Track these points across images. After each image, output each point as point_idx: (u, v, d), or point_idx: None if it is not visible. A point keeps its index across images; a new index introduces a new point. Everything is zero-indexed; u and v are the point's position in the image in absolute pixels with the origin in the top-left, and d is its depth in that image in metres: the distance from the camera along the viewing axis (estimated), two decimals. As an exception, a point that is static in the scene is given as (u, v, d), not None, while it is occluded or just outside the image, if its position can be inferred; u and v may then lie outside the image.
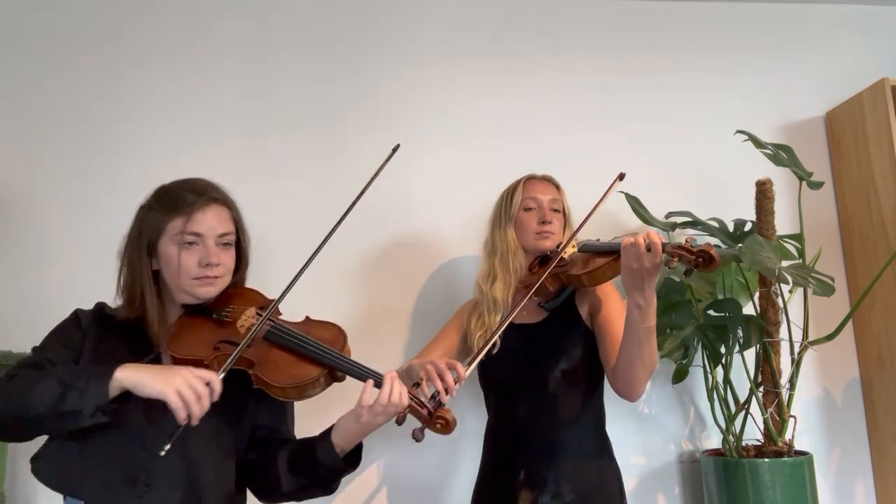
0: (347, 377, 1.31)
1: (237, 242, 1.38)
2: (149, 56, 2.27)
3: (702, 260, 1.29)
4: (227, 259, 1.34)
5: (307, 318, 1.41)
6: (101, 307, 1.37)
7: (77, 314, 1.34)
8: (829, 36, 2.62)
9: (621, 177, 1.65)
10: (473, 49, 2.43)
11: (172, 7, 2.32)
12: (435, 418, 1.27)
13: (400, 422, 1.28)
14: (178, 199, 1.31)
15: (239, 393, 1.30)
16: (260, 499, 1.40)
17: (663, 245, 1.36)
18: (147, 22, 2.29)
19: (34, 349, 1.30)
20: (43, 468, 1.25)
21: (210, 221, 1.31)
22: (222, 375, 1.17)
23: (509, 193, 1.81)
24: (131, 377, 1.14)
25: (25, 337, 1.90)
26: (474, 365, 1.47)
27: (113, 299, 1.37)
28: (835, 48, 2.61)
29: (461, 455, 2.15)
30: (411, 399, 1.27)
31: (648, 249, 1.36)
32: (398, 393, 1.25)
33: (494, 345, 1.68)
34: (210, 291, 1.32)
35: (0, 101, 2.18)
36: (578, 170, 2.10)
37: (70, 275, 2.08)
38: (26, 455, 1.97)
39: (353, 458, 1.32)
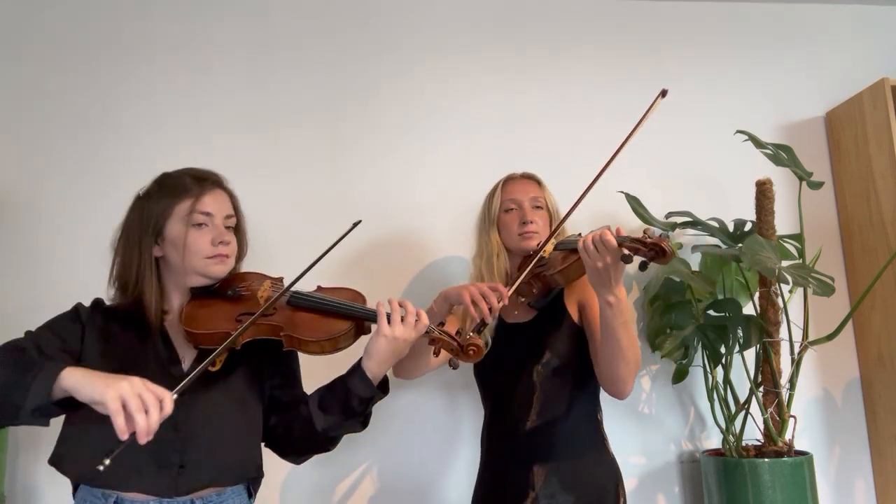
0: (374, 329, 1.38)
1: (237, 228, 1.42)
2: (149, 55, 2.27)
3: (654, 253, 1.31)
4: (233, 241, 1.38)
5: (319, 286, 1.46)
6: (98, 301, 1.38)
7: (77, 308, 1.35)
8: (829, 36, 2.62)
9: (664, 94, 1.63)
10: (470, 47, 2.43)
11: (172, 6, 2.32)
12: (467, 347, 1.33)
13: (437, 353, 1.36)
14: (185, 182, 1.34)
15: (257, 366, 1.36)
16: (286, 456, 1.44)
17: (620, 239, 1.36)
18: (147, 21, 2.29)
19: (27, 331, 1.29)
20: (69, 465, 1.24)
21: (217, 203, 1.35)
22: (175, 397, 1.07)
23: (490, 196, 1.82)
24: (72, 379, 1.06)
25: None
26: (514, 286, 1.53)
27: (106, 292, 1.37)
28: (835, 48, 2.61)
29: (457, 454, 2.15)
30: (441, 333, 1.34)
31: (603, 245, 1.37)
32: (412, 306, 1.33)
33: (487, 344, 1.73)
34: (222, 270, 1.35)
35: (0, 100, 2.18)
36: (578, 169, 2.09)
37: (70, 274, 2.08)
38: (26, 455, 1.99)
39: (384, 386, 1.38)
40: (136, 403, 1.01)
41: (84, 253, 2.08)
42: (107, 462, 0.99)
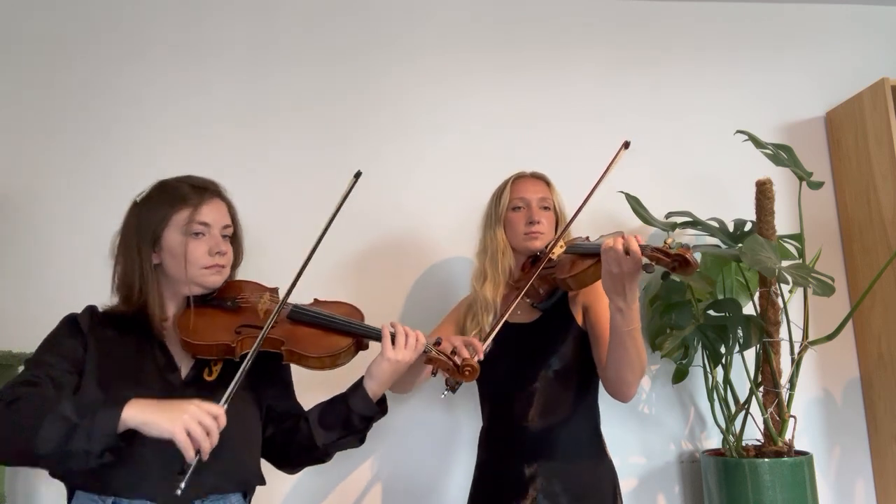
0: (371, 346, 1.43)
1: (234, 237, 1.42)
2: (149, 55, 2.27)
3: (678, 263, 1.29)
4: (230, 251, 1.39)
5: (316, 299, 1.50)
6: (92, 309, 1.36)
7: (72, 319, 1.32)
8: (829, 36, 2.62)
9: (626, 145, 1.63)
10: (470, 46, 2.43)
11: (172, 6, 2.32)
12: (462, 368, 1.39)
13: (434, 372, 1.45)
14: (183, 191, 1.34)
15: (254, 377, 1.36)
16: (282, 467, 1.47)
17: (642, 248, 1.34)
18: (147, 21, 2.29)
19: (27, 362, 1.27)
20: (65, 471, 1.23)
21: (215, 213, 1.36)
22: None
23: (498, 193, 1.81)
24: (137, 417, 1.11)
25: (25, 337, 1.90)
26: (489, 341, 1.56)
27: (110, 298, 1.37)
28: (835, 48, 2.61)
29: (456, 456, 2.15)
30: (438, 353, 1.41)
31: (627, 253, 1.34)
32: (412, 331, 1.39)
33: (487, 346, 1.72)
34: (218, 280, 1.36)
35: (1, 101, 2.18)
36: (578, 169, 2.09)
37: (70, 274, 2.08)
38: (26, 455, 1.99)
39: (382, 405, 1.42)
40: (199, 431, 1.10)
41: (84, 252, 2.08)
42: (182, 486, 1.08)
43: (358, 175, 1.41)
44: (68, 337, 1.29)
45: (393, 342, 1.37)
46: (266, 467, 1.42)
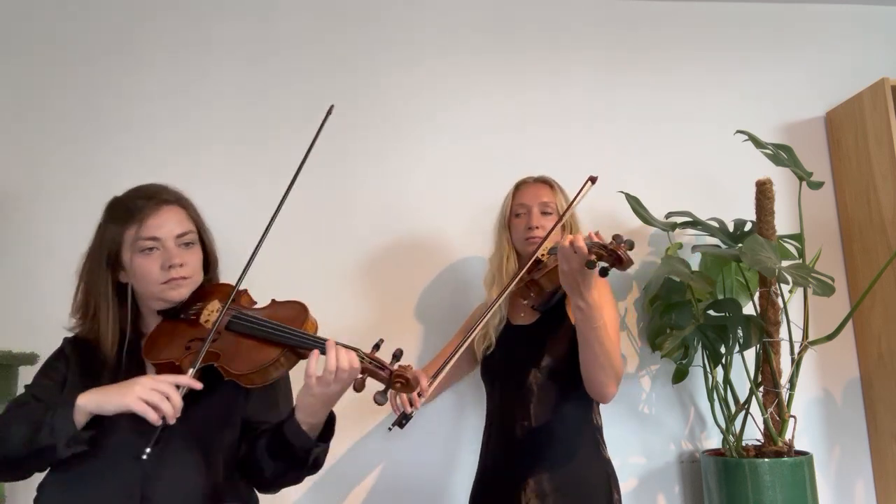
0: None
1: (202, 242, 1.36)
2: (149, 57, 2.27)
3: (613, 259, 1.30)
4: (192, 259, 1.32)
5: (272, 300, 1.37)
6: (68, 339, 1.37)
7: (63, 342, 1.36)
8: (829, 36, 2.62)
9: (593, 180, 1.61)
10: (471, 49, 2.43)
11: (172, 9, 2.31)
12: (394, 378, 1.19)
13: (358, 388, 1.19)
14: (130, 207, 1.29)
15: (227, 389, 1.27)
16: (260, 491, 1.38)
17: (588, 244, 1.34)
18: (147, 23, 2.29)
19: (26, 387, 1.32)
20: (44, 498, 1.27)
21: (165, 224, 1.29)
22: (192, 372, 1.18)
23: (505, 199, 1.86)
24: (92, 400, 1.15)
25: (25, 337, 1.91)
26: (438, 379, 1.58)
27: (68, 319, 1.35)
28: (835, 48, 2.61)
29: (463, 452, 2.15)
30: (368, 362, 1.21)
31: (575, 251, 1.35)
32: (345, 358, 1.17)
33: (490, 346, 1.79)
34: (181, 293, 1.30)
35: (1, 101, 2.18)
36: (579, 169, 2.09)
37: (70, 275, 2.07)
38: (26, 455, 1.99)
39: (326, 434, 1.28)
40: (156, 396, 1.12)
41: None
42: (148, 450, 1.10)
43: (330, 110, 1.31)
44: (55, 360, 1.34)
45: (322, 364, 1.18)
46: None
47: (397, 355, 1.22)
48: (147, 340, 1.31)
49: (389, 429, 1.61)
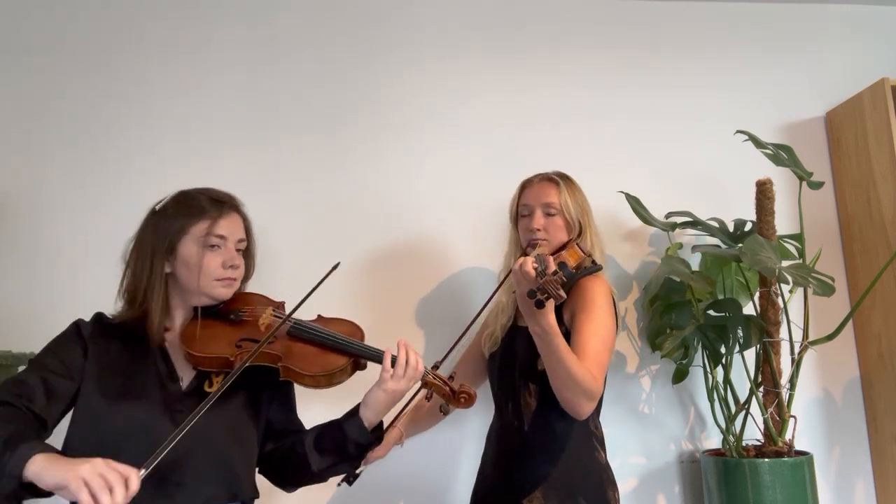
0: (369, 366, 1.42)
1: (246, 251, 1.44)
2: (152, 58, 2.27)
3: (547, 296, 1.25)
4: (243, 264, 1.41)
5: (319, 316, 1.48)
6: (99, 317, 1.38)
7: (78, 326, 1.35)
8: (829, 36, 2.62)
9: (336, 266, 1.46)
10: (471, 49, 2.43)
11: (174, 10, 2.31)
12: (458, 394, 1.39)
13: (429, 398, 1.43)
14: (204, 204, 1.37)
15: (255, 390, 1.38)
16: (281, 486, 1.46)
17: (538, 272, 1.28)
18: (150, 25, 2.29)
19: (30, 362, 1.29)
20: None
21: (232, 226, 1.38)
22: (143, 474, 1.05)
23: (513, 197, 1.84)
24: (36, 470, 1.03)
25: (25, 337, 1.91)
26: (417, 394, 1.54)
27: (114, 302, 1.37)
28: (835, 48, 2.61)
29: (465, 455, 2.14)
30: (434, 377, 1.40)
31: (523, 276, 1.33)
32: (414, 357, 1.36)
33: (496, 345, 1.80)
34: (228, 293, 1.38)
35: (3, 102, 2.18)
36: (579, 169, 2.09)
37: (71, 275, 2.08)
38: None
39: (378, 433, 1.40)
40: (98, 483, 0.99)
41: (85, 253, 2.08)
42: None
43: (336, 266, 1.42)
44: (70, 342, 1.32)
45: (393, 369, 1.35)
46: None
47: (437, 366, 1.44)
48: (186, 332, 1.35)
49: (339, 485, 1.56)
